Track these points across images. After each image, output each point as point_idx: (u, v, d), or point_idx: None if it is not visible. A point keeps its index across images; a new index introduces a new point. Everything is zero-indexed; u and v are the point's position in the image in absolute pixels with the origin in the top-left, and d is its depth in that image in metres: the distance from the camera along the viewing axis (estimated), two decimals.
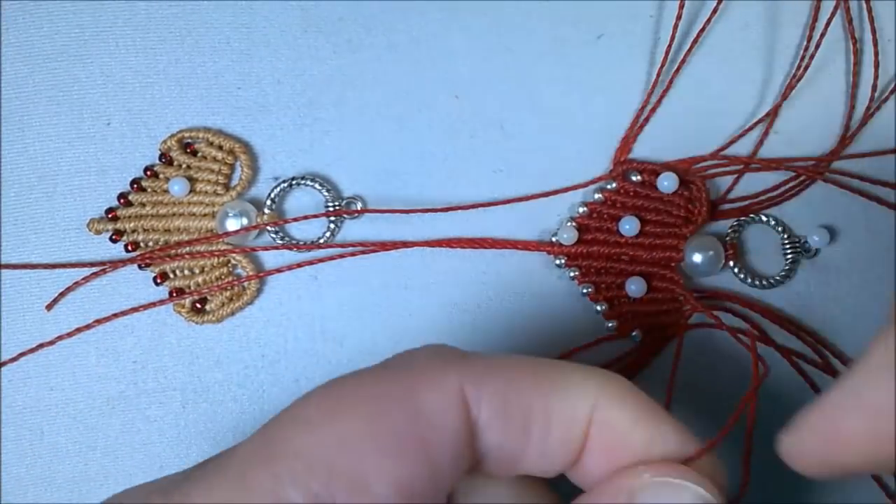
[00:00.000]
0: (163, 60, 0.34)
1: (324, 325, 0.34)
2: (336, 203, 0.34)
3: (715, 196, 0.34)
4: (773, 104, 0.34)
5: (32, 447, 0.33)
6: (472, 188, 0.34)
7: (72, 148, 0.34)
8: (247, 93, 0.34)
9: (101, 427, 0.33)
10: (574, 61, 0.35)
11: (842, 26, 0.35)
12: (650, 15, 0.35)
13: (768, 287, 0.34)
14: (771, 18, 0.35)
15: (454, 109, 0.34)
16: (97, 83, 0.34)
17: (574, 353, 0.34)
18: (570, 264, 0.34)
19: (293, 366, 0.34)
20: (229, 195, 0.34)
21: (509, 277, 0.34)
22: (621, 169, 0.34)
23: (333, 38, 0.34)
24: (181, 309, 0.33)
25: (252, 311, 0.34)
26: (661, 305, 0.34)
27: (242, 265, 0.34)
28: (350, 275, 0.34)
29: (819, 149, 0.35)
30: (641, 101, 0.34)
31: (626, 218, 0.34)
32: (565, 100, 0.34)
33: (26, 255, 0.34)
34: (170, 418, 0.33)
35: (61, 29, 0.34)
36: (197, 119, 0.34)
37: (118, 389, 0.33)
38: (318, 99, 0.34)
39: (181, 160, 0.34)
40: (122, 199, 0.34)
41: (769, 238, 0.34)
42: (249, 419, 0.34)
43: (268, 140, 0.34)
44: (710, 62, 0.35)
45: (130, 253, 0.34)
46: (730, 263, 0.34)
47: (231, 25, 0.34)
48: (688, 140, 0.34)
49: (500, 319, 0.34)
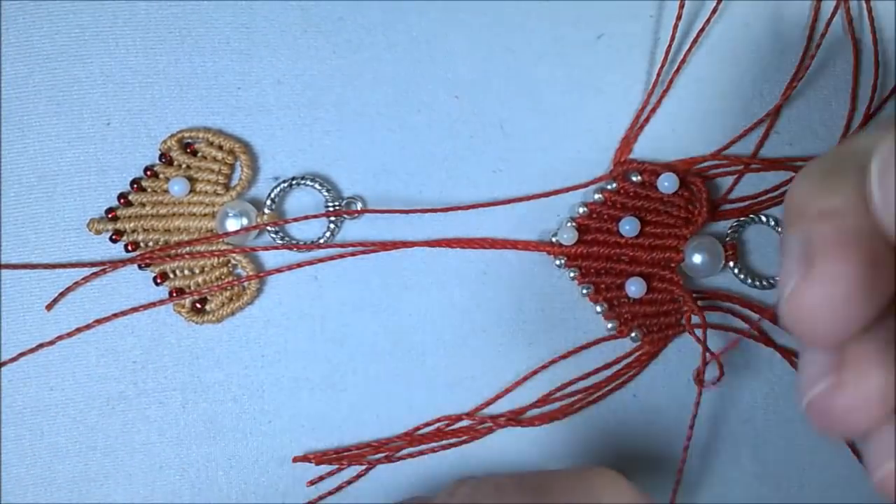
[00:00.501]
0: (163, 60, 0.34)
1: (324, 325, 0.34)
2: (336, 203, 0.34)
3: (715, 196, 0.34)
4: (773, 104, 0.34)
5: (32, 447, 0.33)
6: (472, 188, 0.34)
7: (72, 148, 0.34)
8: (247, 93, 0.34)
9: (101, 427, 0.33)
10: (574, 61, 0.35)
11: (842, 26, 0.35)
12: (650, 15, 0.35)
13: (768, 287, 0.34)
14: (771, 18, 0.35)
15: (454, 109, 0.34)
16: (97, 83, 0.34)
17: (574, 354, 0.34)
18: (570, 265, 0.34)
19: (293, 366, 0.34)
20: (229, 195, 0.34)
21: (509, 277, 0.34)
22: (621, 169, 0.34)
23: (333, 38, 0.34)
24: (181, 309, 0.33)
25: (252, 311, 0.34)
26: (661, 306, 0.34)
27: (242, 265, 0.34)
28: (350, 275, 0.34)
29: (819, 149, 0.34)
30: (641, 101, 0.34)
31: (626, 218, 0.33)
32: (565, 100, 0.34)
33: (26, 255, 0.34)
34: (170, 418, 0.33)
35: (61, 29, 0.34)
36: (197, 119, 0.34)
37: (118, 389, 0.33)
38: (318, 99, 0.34)
39: (181, 160, 0.34)
40: (122, 199, 0.34)
41: (769, 238, 0.34)
42: (249, 419, 0.34)
43: (268, 140, 0.34)
44: (710, 62, 0.35)
45: (130, 253, 0.34)
46: (730, 264, 0.34)
47: (231, 25, 0.34)
48: (688, 140, 0.34)
49: (500, 319, 0.34)
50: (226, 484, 0.33)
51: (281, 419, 0.34)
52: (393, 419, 0.34)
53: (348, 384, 0.34)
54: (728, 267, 0.34)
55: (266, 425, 0.34)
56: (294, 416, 0.34)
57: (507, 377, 0.34)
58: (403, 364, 0.34)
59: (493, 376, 0.34)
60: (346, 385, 0.34)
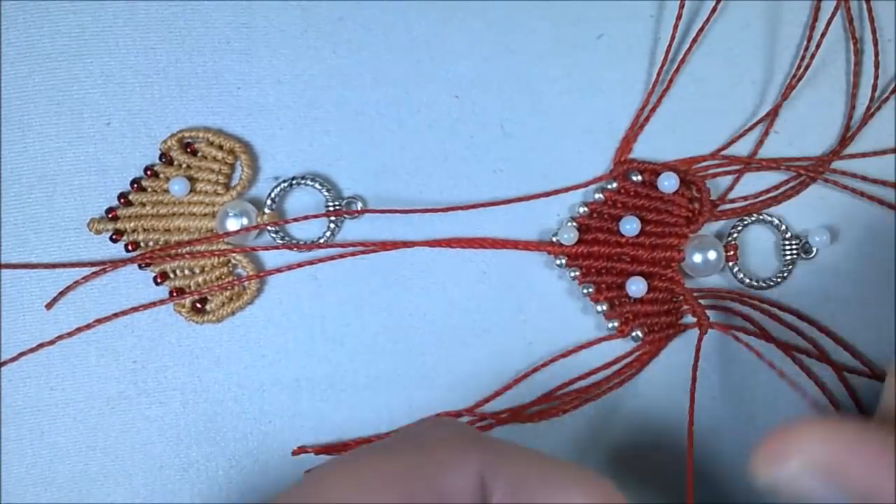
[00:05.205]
0: (163, 60, 0.34)
1: (324, 325, 0.34)
2: (336, 203, 0.34)
3: (715, 196, 0.34)
4: (773, 104, 0.34)
5: (32, 447, 0.33)
6: (472, 188, 0.34)
7: (72, 148, 0.34)
8: (247, 93, 0.34)
9: (101, 427, 0.33)
10: (574, 61, 0.35)
11: (842, 26, 0.35)
12: (650, 15, 0.35)
13: (766, 287, 0.34)
14: (771, 18, 0.35)
15: (454, 109, 0.34)
16: (97, 83, 0.34)
17: (574, 353, 0.34)
18: (571, 264, 0.34)
19: (293, 366, 0.34)
20: (229, 195, 0.34)
21: (509, 277, 0.34)
22: (622, 169, 0.34)
23: (333, 38, 0.34)
24: (181, 309, 0.33)
25: (252, 311, 0.34)
26: (662, 305, 0.34)
27: (242, 265, 0.34)
28: (350, 275, 0.34)
29: (819, 149, 0.35)
30: (641, 101, 0.34)
31: (626, 218, 0.33)
32: (565, 100, 0.34)
33: (26, 255, 0.34)
34: (170, 418, 0.33)
35: (61, 29, 0.34)
36: (197, 119, 0.34)
37: (118, 389, 0.33)
38: (318, 99, 0.34)
39: (181, 160, 0.34)
40: (123, 198, 0.34)
41: (769, 238, 0.34)
42: (249, 419, 0.34)
43: (268, 140, 0.34)
44: (710, 62, 0.35)
45: (130, 253, 0.34)
46: (729, 264, 0.34)
47: (231, 25, 0.34)
48: (688, 140, 0.34)
49: (501, 319, 0.34)
50: (226, 484, 0.33)
51: (281, 419, 0.34)
52: (393, 419, 0.34)
53: (348, 384, 0.34)
54: (728, 266, 0.34)
55: (266, 425, 0.34)
56: (294, 416, 0.34)
57: (507, 377, 0.34)
58: (403, 364, 0.34)
59: (493, 376, 0.34)
60: (346, 385, 0.34)
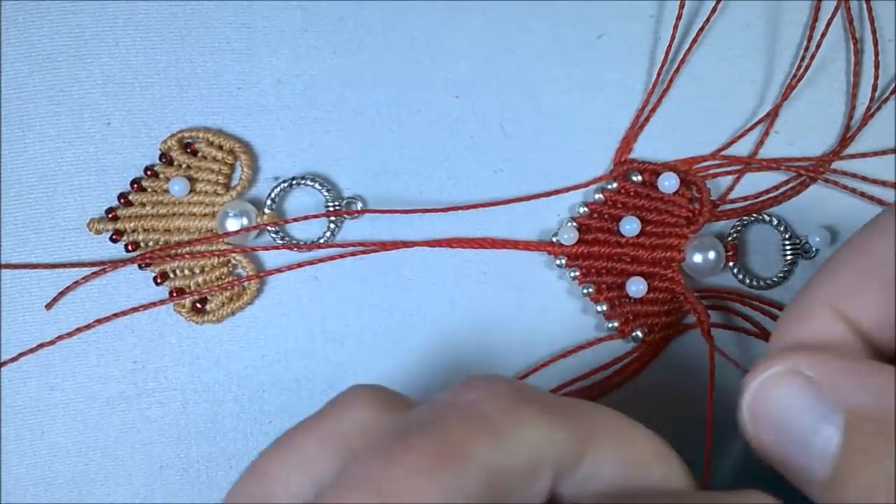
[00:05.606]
0: (163, 60, 0.34)
1: (324, 325, 0.34)
2: (336, 203, 0.34)
3: (715, 196, 0.34)
4: (773, 104, 0.34)
5: (32, 447, 0.33)
6: (472, 188, 0.34)
7: (72, 148, 0.34)
8: (247, 93, 0.34)
9: (101, 427, 0.33)
10: (574, 61, 0.35)
11: (842, 26, 0.35)
12: (650, 15, 0.35)
13: (766, 287, 0.34)
14: (771, 18, 0.35)
15: (454, 109, 0.34)
16: (97, 83, 0.34)
17: (574, 353, 0.34)
18: (571, 264, 0.34)
19: (293, 366, 0.34)
20: (229, 195, 0.34)
21: (509, 277, 0.34)
22: (622, 169, 0.34)
23: (333, 38, 0.34)
24: (181, 309, 0.33)
25: (252, 311, 0.34)
26: (662, 306, 0.34)
27: (242, 265, 0.34)
28: (350, 275, 0.34)
29: (819, 149, 0.35)
30: (641, 101, 0.34)
31: (626, 218, 0.33)
32: (565, 100, 0.34)
33: (26, 255, 0.34)
34: (170, 418, 0.33)
35: (61, 29, 0.34)
36: (197, 119, 0.34)
37: (118, 389, 0.33)
38: (318, 99, 0.34)
39: (181, 160, 0.34)
40: (123, 198, 0.34)
41: (769, 238, 0.34)
42: (249, 419, 0.34)
43: (268, 140, 0.34)
44: (710, 62, 0.35)
45: (130, 253, 0.34)
46: (730, 264, 0.34)
47: (231, 25, 0.34)
48: (688, 140, 0.34)
49: (501, 319, 0.34)
50: (226, 484, 0.33)
51: (281, 419, 0.33)
52: None
53: (348, 384, 0.34)
54: (728, 267, 0.34)
55: (266, 425, 0.34)
56: (294, 416, 0.34)
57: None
58: (403, 364, 0.34)
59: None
60: (345, 385, 0.34)
